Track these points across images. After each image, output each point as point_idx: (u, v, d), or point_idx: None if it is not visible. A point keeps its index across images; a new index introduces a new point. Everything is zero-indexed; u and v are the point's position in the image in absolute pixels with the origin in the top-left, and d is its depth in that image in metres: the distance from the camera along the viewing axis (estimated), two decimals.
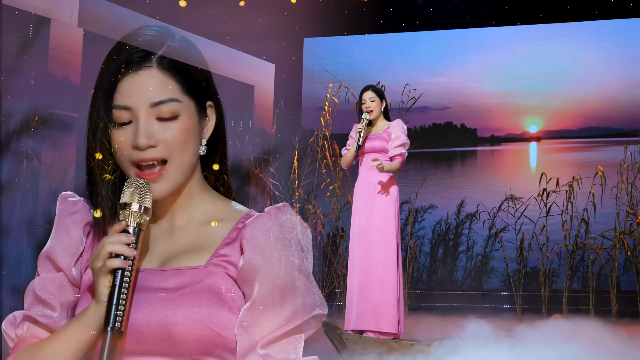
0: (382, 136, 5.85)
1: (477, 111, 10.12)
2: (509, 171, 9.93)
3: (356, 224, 5.80)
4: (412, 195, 9.69)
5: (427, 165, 10.24)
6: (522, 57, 9.97)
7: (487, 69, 10.06)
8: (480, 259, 9.74)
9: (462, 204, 9.87)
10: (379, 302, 5.66)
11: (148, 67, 1.48)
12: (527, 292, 9.34)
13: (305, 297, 1.49)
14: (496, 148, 10.07)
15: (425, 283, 9.90)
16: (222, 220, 1.57)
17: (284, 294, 1.48)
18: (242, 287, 1.50)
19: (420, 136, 10.20)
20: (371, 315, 5.66)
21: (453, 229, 9.90)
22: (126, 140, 1.48)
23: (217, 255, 1.51)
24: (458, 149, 10.18)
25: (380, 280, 5.67)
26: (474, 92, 10.11)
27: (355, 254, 5.75)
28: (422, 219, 9.93)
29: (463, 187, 10.00)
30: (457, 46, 10.19)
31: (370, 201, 5.77)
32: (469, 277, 9.80)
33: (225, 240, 1.54)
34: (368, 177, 5.84)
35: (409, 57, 10.30)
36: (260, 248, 1.49)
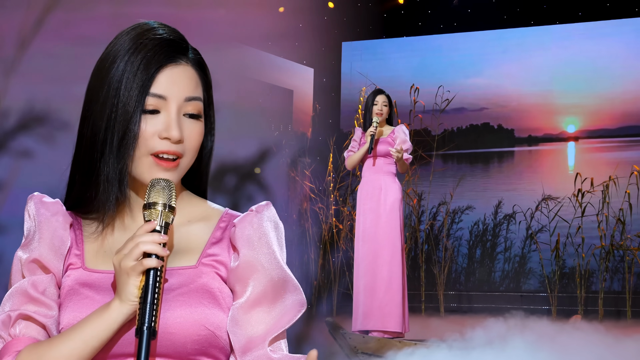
0: (387, 140, 6.03)
1: (515, 111, 10.08)
2: (546, 171, 9.87)
3: (361, 226, 5.93)
4: (448, 197, 9.73)
5: (464, 166, 10.25)
6: (561, 56, 9.89)
7: (524, 69, 10.02)
8: (518, 260, 9.71)
9: (499, 205, 9.85)
10: (385, 302, 5.78)
11: (185, 63, 1.50)
12: (564, 294, 9.27)
13: (296, 292, 1.53)
14: (534, 148, 10.02)
15: (463, 284, 9.91)
16: (202, 220, 1.58)
17: (278, 290, 1.51)
18: (234, 285, 1.52)
19: (457, 137, 10.23)
20: (378, 315, 5.78)
21: (490, 230, 9.88)
22: (152, 129, 1.47)
23: (205, 255, 1.53)
24: (495, 149, 10.16)
25: (386, 280, 5.79)
26: (511, 92, 10.09)
27: (361, 255, 5.89)
28: (459, 220, 9.95)
29: (500, 188, 9.97)
30: (494, 47, 10.18)
31: (376, 203, 5.89)
32: (506, 279, 9.77)
33: (211, 240, 1.55)
34: (373, 180, 5.97)
35: (446, 59, 10.34)
36: (254, 246, 1.52)
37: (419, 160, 9.67)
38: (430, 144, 9.71)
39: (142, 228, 1.42)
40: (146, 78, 1.46)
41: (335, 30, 10.79)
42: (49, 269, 1.50)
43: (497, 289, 9.79)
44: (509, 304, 9.49)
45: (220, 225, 1.57)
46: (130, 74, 1.47)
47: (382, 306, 5.77)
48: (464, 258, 9.94)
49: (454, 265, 9.89)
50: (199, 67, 1.53)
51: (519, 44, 10.09)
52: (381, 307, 5.77)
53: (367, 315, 5.78)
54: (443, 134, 10.00)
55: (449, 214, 9.85)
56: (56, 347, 1.40)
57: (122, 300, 1.40)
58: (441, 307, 9.50)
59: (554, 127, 9.95)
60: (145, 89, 1.46)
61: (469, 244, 9.94)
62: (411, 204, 9.63)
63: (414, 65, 10.40)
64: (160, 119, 1.48)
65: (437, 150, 9.76)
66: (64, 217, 1.54)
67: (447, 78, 10.07)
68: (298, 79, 10.50)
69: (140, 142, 1.47)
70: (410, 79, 9.98)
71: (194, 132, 1.50)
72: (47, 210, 1.53)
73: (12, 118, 4.15)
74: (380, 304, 5.77)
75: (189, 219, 1.57)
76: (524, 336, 5.78)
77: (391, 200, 5.88)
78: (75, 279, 1.50)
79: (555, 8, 9.98)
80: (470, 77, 10.20)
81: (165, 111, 1.48)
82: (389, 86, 9.95)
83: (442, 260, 9.57)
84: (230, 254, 1.54)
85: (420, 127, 9.78)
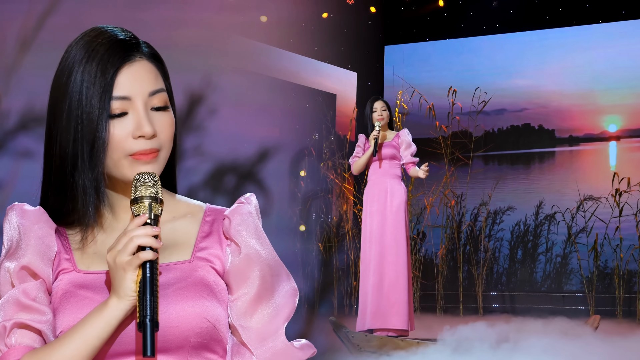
0: (392, 144, 6.23)
1: (555, 112, 10.05)
2: (587, 171, 9.81)
3: (368, 228, 6.12)
4: (486, 197, 9.77)
5: (505, 167, 10.27)
6: (602, 55, 9.82)
7: (565, 69, 9.98)
8: (560, 260, 9.68)
9: (540, 205, 9.84)
10: (392, 301, 5.95)
11: (140, 59, 1.51)
12: (603, 294, 9.21)
13: (289, 280, 1.57)
14: (574, 148, 9.97)
15: (504, 285, 9.94)
16: (186, 216, 1.59)
17: (275, 279, 1.55)
18: (234, 277, 1.54)
19: (497, 138, 10.26)
20: (385, 315, 5.96)
21: (532, 231, 9.88)
22: (124, 131, 1.47)
23: (199, 249, 1.54)
24: (536, 150, 10.14)
25: (393, 280, 5.97)
26: (552, 92, 10.06)
27: (368, 256, 6.07)
28: (500, 221, 9.98)
29: (541, 189, 9.96)
30: (535, 47, 10.18)
31: (382, 206, 6.07)
32: (548, 279, 9.75)
33: (200, 235, 1.56)
34: (379, 183, 6.16)
35: (487, 60, 10.37)
36: (253, 237, 1.54)
37: (456, 162, 9.75)
38: (468, 146, 9.78)
39: (134, 222, 1.42)
40: (106, 83, 1.46)
41: (379, 34, 10.95)
42: (38, 274, 1.49)
43: (538, 289, 9.78)
44: (550, 304, 9.49)
45: (207, 219, 1.59)
46: (89, 83, 1.47)
47: (389, 305, 5.94)
48: (505, 259, 9.95)
49: (496, 265, 9.92)
50: (154, 59, 1.54)
51: (561, 44, 10.05)
52: (388, 307, 5.94)
53: (375, 315, 5.96)
54: (482, 136, 10.05)
55: (489, 215, 9.89)
56: (57, 351, 1.40)
57: (120, 297, 1.40)
58: (480, 307, 9.55)
59: (595, 127, 9.89)
60: (107, 94, 1.46)
61: (510, 244, 9.95)
62: (449, 205, 9.72)
63: (455, 67, 10.47)
64: (129, 120, 1.48)
65: (475, 152, 9.82)
66: (48, 224, 1.53)
67: (488, 79, 10.11)
68: (341, 83, 10.69)
69: (115, 146, 1.47)
70: (451, 81, 10.06)
71: (165, 124, 1.51)
72: (29, 219, 1.53)
73: (12, 118, 4.17)
74: (387, 304, 5.95)
75: (174, 215, 1.58)
76: (525, 337, 5.85)
77: (397, 203, 6.06)
78: (69, 281, 1.50)
79: (598, 7, 9.90)
80: (511, 78, 10.21)
81: (132, 111, 1.48)
82: (430, 88, 10.09)
83: (481, 261, 9.62)
84: (224, 247, 1.56)
85: (458, 129, 9.86)
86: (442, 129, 9.84)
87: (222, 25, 8.74)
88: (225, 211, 1.58)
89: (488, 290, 9.80)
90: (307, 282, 8.75)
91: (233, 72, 7.76)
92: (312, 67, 10.42)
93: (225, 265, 1.54)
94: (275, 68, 10.05)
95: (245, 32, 9.53)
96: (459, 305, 9.59)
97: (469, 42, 10.51)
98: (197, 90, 5.82)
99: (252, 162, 6.85)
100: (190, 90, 5.81)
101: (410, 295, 6.01)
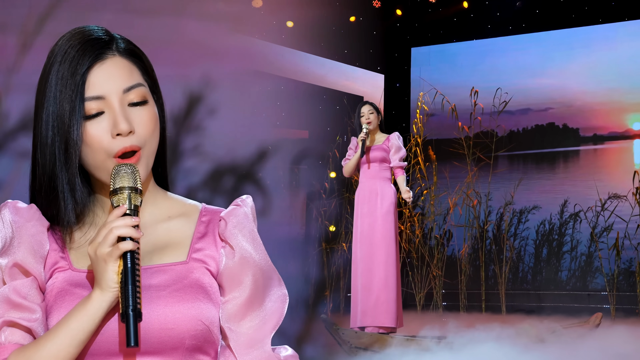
0: (382, 147, 6.42)
1: (580, 111, 10.06)
2: (612, 170, 9.81)
3: (358, 229, 6.33)
4: (508, 196, 9.84)
5: (530, 166, 10.31)
6: (626, 53, 9.79)
7: (589, 68, 9.98)
8: (585, 258, 9.70)
9: (565, 204, 9.87)
10: (381, 300, 6.15)
11: (112, 56, 1.49)
12: (627, 292, 9.20)
13: (280, 285, 1.58)
14: (599, 147, 9.97)
15: (530, 283, 9.99)
16: (182, 216, 1.59)
17: (267, 284, 1.56)
18: (227, 280, 1.54)
19: (522, 137, 10.31)
20: (374, 312, 6.16)
21: (557, 229, 9.91)
22: (102, 131, 1.46)
23: (194, 250, 1.54)
24: (560, 149, 10.17)
25: (382, 279, 6.16)
26: (576, 91, 10.07)
27: (359, 256, 6.28)
28: (526, 220, 10.04)
29: (566, 187, 9.98)
30: (559, 46, 10.20)
31: (372, 207, 6.28)
32: (573, 277, 9.78)
33: (196, 235, 1.56)
34: (369, 185, 6.37)
35: (512, 60, 10.43)
36: (247, 241, 1.54)
37: (478, 162, 9.86)
38: (490, 146, 9.87)
39: (113, 214, 1.41)
40: (75, 84, 1.46)
41: (406, 36, 11.11)
42: (29, 272, 1.49)
43: (563, 287, 9.82)
44: (576, 302, 9.52)
45: (202, 220, 1.58)
46: (62, 86, 1.46)
47: (379, 304, 6.15)
48: (531, 257, 10.01)
49: (521, 264, 9.99)
50: (130, 54, 1.52)
51: (585, 42, 10.06)
52: (377, 305, 6.15)
53: (365, 313, 6.17)
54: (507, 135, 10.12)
55: (515, 214, 9.96)
56: (43, 347, 1.40)
57: (102, 289, 1.39)
58: (503, 306, 9.63)
59: (619, 125, 9.87)
60: (77, 96, 1.46)
61: (535, 243, 10.00)
62: (472, 205, 9.82)
63: (480, 68, 10.56)
64: (106, 119, 1.47)
65: (496, 152, 9.90)
66: (40, 221, 1.52)
67: (513, 79, 10.19)
68: (369, 85, 10.89)
69: (96, 147, 1.47)
70: (476, 81, 10.17)
71: (144, 118, 1.49)
72: (22, 216, 1.52)
73: (13, 119, 4.19)
74: (376, 302, 6.16)
75: (169, 215, 1.58)
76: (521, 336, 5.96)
77: (387, 204, 6.26)
78: (64, 280, 1.50)
79: (624, 5, 9.87)
80: (535, 78, 10.25)
81: (108, 109, 1.47)
82: (455, 89, 10.22)
83: (504, 260, 9.70)
84: (219, 248, 1.55)
85: (480, 130, 9.96)
86: (464, 130, 9.95)
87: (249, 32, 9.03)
88: (222, 212, 1.58)
89: (514, 288, 9.87)
90: (306, 282, 8.95)
91: (252, 75, 7.85)
92: (340, 71, 10.64)
93: (220, 266, 1.54)
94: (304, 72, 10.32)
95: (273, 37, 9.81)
96: (481, 303, 9.69)
97: (494, 43, 10.59)
98: (196, 91, 5.83)
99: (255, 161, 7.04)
100: (190, 91, 5.83)
101: (399, 294, 6.21)
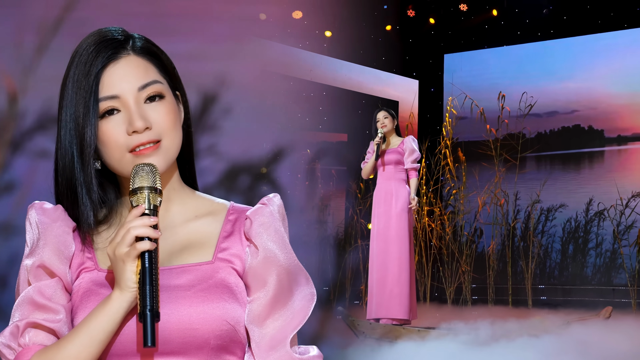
0: (397, 150, 6.99)
1: (604, 113, 10.47)
2: (635, 169, 10.20)
3: (375, 227, 6.93)
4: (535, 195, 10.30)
5: (557, 167, 10.75)
6: None
7: (614, 71, 10.37)
8: (609, 255, 10.11)
9: (590, 203, 10.29)
10: (395, 293, 6.74)
11: (126, 55, 1.49)
12: None
13: (307, 284, 1.57)
14: (623, 147, 10.36)
15: (556, 278, 10.45)
16: (209, 215, 1.58)
17: (292, 283, 1.54)
18: (252, 279, 1.53)
19: (549, 139, 10.76)
20: (388, 305, 6.75)
21: (582, 227, 10.35)
22: (118, 129, 1.47)
23: (220, 250, 1.53)
24: (586, 150, 10.59)
25: (396, 274, 6.75)
26: (601, 94, 10.47)
27: (375, 252, 6.87)
28: (553, 218, 10.49)
29: (591, 187, 10.40)
30: (585, 51, 10.61)
31: (388, 207, 6.87)
32: (598, 273, 10.20)
33: (222, 234, 1.55)
34: (385, 186, 6.96)
35: (540, 65, 10.87)
36: (272, 240, 1.53)
37: (505, 162, 10.34)
38: (515, 147, 10.33)
39: (132, 213, 1.41)
40: (89, 86, 1.47)
41: (440, 43, 11.64)
42: (54, 272, 1.49)
43: (589, 282, 10.25)
44: (601, 297, 9.95)
45: (229, 218, 1.58)
46: (77, 88, 1.48)
47: (392, 297, 6.73)
48: (557, 254, 10.46)
49: (548, 260, 10.45)
50: (146, 52, 1.52)
51: (610, 47, 10.45)
52: (391, 298, 6.73)
53: (380, 305, 6.76)
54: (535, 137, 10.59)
55: (543, 212, 10.43)
56: (64, 347, 1.41)
57: (121, 289, 1.39)
58: (529, 300, 10.10)
59: None
60: (91, 96, 1.47)
61: (561, 240, 10.45)
62: (499, 204, 10.32)
63: (509, 73, 11.03)
64: (121, 118, 1.47)
65: (523, 153, 10.36)
66: (66, 222, 1.53)
67: (540, 83, 10.64)
68: (404, 90, 11.45)
69: (113, 145, 1.47)
70: (505, 85, 10.65)
71: (160, 113, 1.49)
72: (49, 217, 1.53)
73: (30, 118, 4.16)
74: (390, 295, 6.74)
75: (196, 214, 1.57)
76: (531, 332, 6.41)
77: (401, 204, 6.84)
78: (90, 280, 1.50)
79: None
80: (562, 81, 10.69)
81: (123, 108, 1.47)
82: (485, 93, 10.72)
83: (531, 256, 10.17)
84: (245, 247, 1.54)
85: (507, 132, 10.44)
86: (492, 132, 10.44)
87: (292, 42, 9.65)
88: (248, 211, 1.57)
89: (541, 283, 10.33)
90: (323, 280, 9.41)
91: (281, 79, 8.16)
92: (377, 77, 11.24)
93: (245, 265, 1.53)
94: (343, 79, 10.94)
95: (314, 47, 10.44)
96: (508, 297, 10.17)
97: (524, 48, 11.05)
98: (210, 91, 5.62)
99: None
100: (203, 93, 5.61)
101: (412, 288, 6.79)
